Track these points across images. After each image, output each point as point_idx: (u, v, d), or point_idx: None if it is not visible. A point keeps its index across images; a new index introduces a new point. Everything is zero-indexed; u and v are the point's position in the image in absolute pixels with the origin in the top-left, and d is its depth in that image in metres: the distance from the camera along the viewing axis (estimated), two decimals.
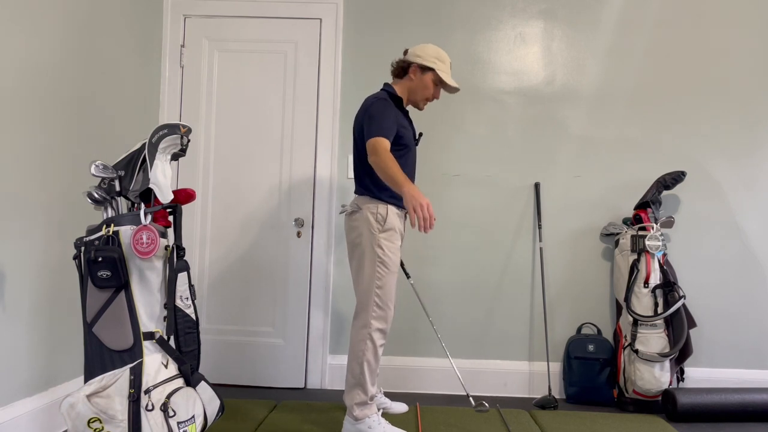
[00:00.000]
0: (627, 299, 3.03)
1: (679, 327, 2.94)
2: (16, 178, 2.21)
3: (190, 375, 2.04)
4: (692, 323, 2.99)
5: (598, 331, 3.22)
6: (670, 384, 2.93)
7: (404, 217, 2.56)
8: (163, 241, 2.00)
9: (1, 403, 2.17)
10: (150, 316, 1.97)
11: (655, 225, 3.01)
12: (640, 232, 3.03)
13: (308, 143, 3.32)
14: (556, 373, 3.25)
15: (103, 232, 1.92)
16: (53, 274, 2.43)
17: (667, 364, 2.91)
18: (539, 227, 3.27)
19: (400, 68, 2.54)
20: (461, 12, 3.33)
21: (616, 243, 3.16)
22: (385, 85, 2.57)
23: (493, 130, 3.31)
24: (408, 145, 2.49)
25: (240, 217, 3.33)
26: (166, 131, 2.02)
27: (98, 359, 1.91)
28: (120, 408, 1.84)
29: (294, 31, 3.34)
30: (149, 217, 1.98)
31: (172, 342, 2.02)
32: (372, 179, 2.45)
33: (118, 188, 2.02)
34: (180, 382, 2.01)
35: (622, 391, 3.04)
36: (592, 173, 3.30)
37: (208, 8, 3.34)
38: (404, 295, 3.28)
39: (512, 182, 3.31)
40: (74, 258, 1.96)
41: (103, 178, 2.02)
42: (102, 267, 1.88)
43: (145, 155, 2.03)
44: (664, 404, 2.90)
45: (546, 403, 3.00)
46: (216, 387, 2.38)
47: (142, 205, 2.03)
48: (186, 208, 3.28)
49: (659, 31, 3.30)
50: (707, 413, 2.81)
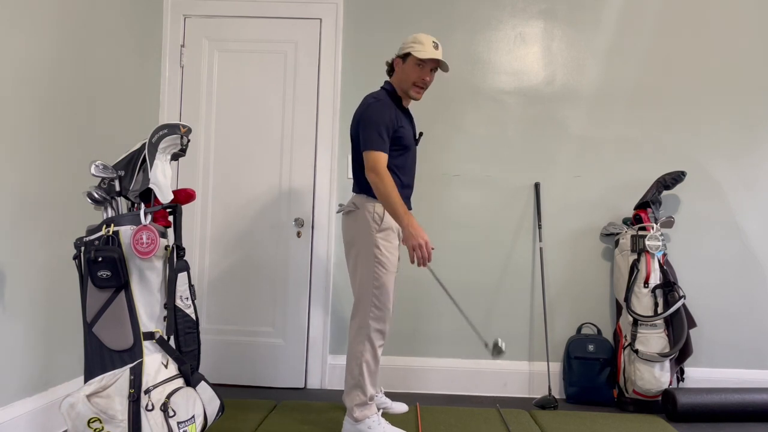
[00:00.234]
0: (627, 299, 3.03)
1: (679, 327, 2.94)
2: (15, 178, 2.21)
3: (190, 375, 2.04)
4: (692, 323, 2.99)
5: (598, 331, 3.22)
6: (670, 384, 2.93)
7: None
8: (163, 241, 2.00)
9: (1, 403, 2.16)
10: (150, 316, 1.97)
11: (655, 225, 3.01)
12: (640, 232, 3.03)
13: (308, 143, 3.32)
14: (556, 373, 3.25)
15: (103, 232, 1.92)
16: (53, 274, 2.43)
17: (667, 364, 2.91)
18: (539, 227, 3.27)
19: (390, 66, 2.58)
20: (461, 12, 3.33)
21: (616, 243, 3.16)
22: (386, 83, 2.57)
23: (493, 130, 3.31)
24: (408, 146, 2.48)
25: (240, 217, 3.33)
26: (166, 131, 2.02)
27: (98, 359, 1.92)
28: (120, 408, 1.84)
29: (294, 31, 3.34)
30: (149, 217, 1.98)
31: (172, 342, 2.02)
32: None
33: (118, 188, 2.03)
34: (180, 382, 2.01)
35: (622, 391, 3.04)
36: (592, 173, 3.30)
37: (208, 8, 3.34)
38: (404, 295, 3.28)
39: (512, 182, 3.30)
40: (74, 258, 1.97)
41: (103, 178, 2.02)
42: (102, 267, 1.88)
43: (145, 155, 2.03)
44: (664, 404, 2.90)
45: (546, 403, 3.00)
46: (216, 387, 2.37)
47: (142, 205, 2.03)
48: (186, 208, 3.28)
49: (659, 31, 3.30)
50: (707, 413, 2.82)
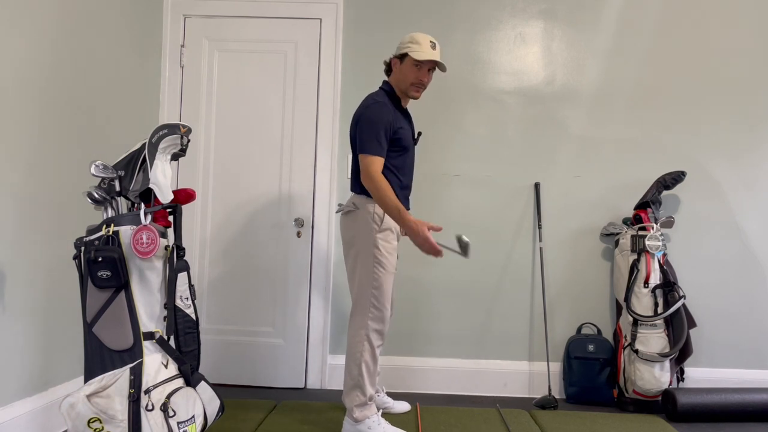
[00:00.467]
0: (627, 299, 3.03)
1: (679, 327, 2.94)
2: (15, 178, 2.21)
3: (190, 375, 2.04)
4: (692, 323, 2.99)
5: (598, 331, 3.22)
6: (670, 384, 2.93)
7: None
8: (163, 241, 2.00)
9: (1, 403, 2.16)
10: (150, 316, 1.97)
11: (655, 225, 3.01)
12: (640, 232, 3.03)
13: (308, 143, 3.32)
14: (556, 373, 3.25)
15: (103, 232, 1.92)
16: (53, 274, 2.43)
17: (667, 364, 2.91)
18: (539, 227, 3.27)
19: (387, 66, 2.58)
20: (461, 12, 3.33)
21: (616, 243, 3.16)
22: (384, 83, 2.57)
23: (493, 130, 3.31)
24: (407, 146, 2.48)
25: (240, 217, 3.33)
26: (166, 131, 2.02)
27: (98, 359, 1.91)
28: (120, 408, 1.84)
29: (294, 31, 3.33)
30: (149, 217, 1.98)
31: (172, 342, 2.02)
32: None
33: (118, 188, 2.03)
34: (180, 382, 2.01)
35: (622, 391, 3.04)
36: (592, 173, 3.29)
37: (208, 8, 3.34)
38: (404, 295, 3.28)
39: (512, 182, 3.30)
40: (74, 258, 1.97)
41: (103, 178, 2.02)
42: (102, 267, 1.88)
43: (145, 155, 2.03)
44: (664, 404, 2.90)
45: (546, 403, 3.00)
46: (216, 387, 2.37)
47: (142, 205, 2.03)
48: (186, 208, 3.28)
49: (659, 31, 3.30)
50: (707, 413, 2.82)
